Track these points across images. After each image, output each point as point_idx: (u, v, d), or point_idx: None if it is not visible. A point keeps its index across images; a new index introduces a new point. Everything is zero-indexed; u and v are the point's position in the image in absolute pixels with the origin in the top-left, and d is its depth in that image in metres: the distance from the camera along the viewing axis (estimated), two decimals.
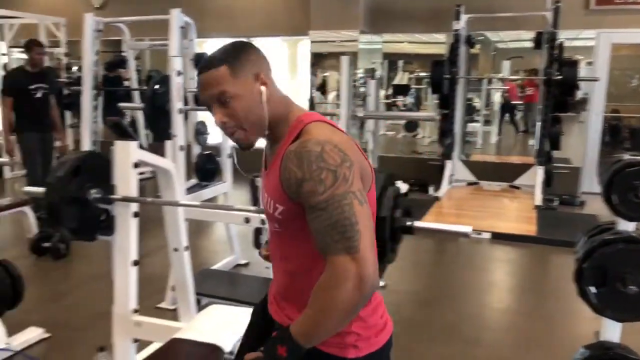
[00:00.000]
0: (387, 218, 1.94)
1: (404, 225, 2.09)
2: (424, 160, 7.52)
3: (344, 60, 2.85)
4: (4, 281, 2.79)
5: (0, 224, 4.99)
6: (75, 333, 3.03)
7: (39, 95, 4.81)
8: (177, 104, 3.15)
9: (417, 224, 2.10)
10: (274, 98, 1.22)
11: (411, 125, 10.34)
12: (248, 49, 1.23)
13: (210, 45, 8.89)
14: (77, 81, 6.34)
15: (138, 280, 2.42)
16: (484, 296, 3.82)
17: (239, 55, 1.20)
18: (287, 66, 9.79)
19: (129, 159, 2.31)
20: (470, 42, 6.73)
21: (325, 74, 8.29)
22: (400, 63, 11.03)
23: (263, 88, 1.19)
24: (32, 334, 2.91)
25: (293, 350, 1.09)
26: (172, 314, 2.98)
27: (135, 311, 2.38)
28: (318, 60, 7.90)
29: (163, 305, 3.33)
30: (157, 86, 3.28)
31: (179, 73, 3.15)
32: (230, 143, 3.97)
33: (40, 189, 2.29)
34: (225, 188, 3.93)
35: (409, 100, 10.60)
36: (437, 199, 6.06)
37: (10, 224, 4.93)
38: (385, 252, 2.00)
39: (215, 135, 4.13)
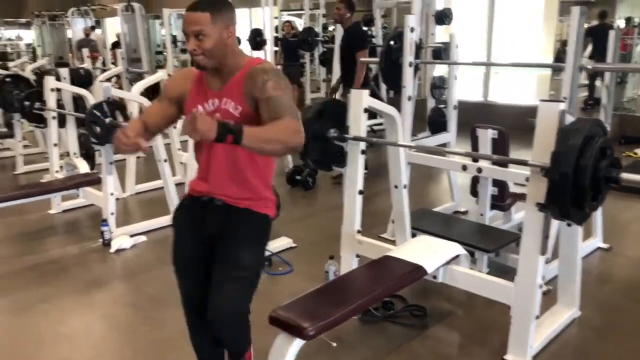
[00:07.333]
0: (588, 166, 2.00)
1: (610, 175, 2.11)
2: None
3: (574, 11, 2.78)
4: None
5: None
6: (314, 246, 3.73)
7: None
8: (408, 57, 3.47)
9: (625, 175, 2.10)
10: (232, 46, 1.76)
11: None
12: (230, 6, 1.75)
13: (457, 0, 8.89)
14: (332, 39, 7.13)
15: (368, 213, 2.90)
16: None
17: (222, 8, 1.71)
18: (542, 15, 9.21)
19: (360, 105, 2.75)
20: None
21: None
22: None
23: (228, 37, 1.72)
24: (283, 242, 3.70)
25: (235, 141, 1.54)
26: (391, 244, 3.42)
27: (358, 231, 2.87)
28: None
29: (385, 235, 3.81)
30: (392, 42, 3.64)
31: (412, 29, 3.44)
32: (457, 95, 4.16)
33: None
34: (448, 138, 4.15)
35: None
36: None
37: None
38: (585, 199, 2.06)
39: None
